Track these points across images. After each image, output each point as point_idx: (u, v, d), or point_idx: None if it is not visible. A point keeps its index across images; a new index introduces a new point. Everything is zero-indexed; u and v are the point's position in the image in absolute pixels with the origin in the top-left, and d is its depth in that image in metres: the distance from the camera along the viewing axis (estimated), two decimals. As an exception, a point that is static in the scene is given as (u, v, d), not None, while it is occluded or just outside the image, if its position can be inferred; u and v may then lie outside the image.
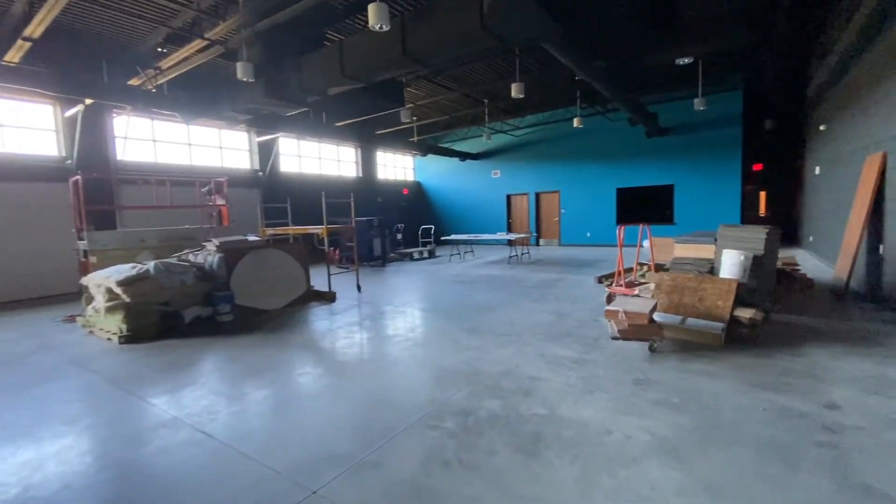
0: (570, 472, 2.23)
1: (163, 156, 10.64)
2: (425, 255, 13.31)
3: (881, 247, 5.58)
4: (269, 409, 3.13)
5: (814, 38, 9.61)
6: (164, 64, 8.07)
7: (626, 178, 14.41)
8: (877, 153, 5.66)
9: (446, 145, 17.76)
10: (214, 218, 8.54)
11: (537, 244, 16.42)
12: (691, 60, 6.95)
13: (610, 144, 14.53)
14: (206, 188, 8.49)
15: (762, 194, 15.42)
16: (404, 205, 18.64)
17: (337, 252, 11.84)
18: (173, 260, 6.22)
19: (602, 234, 15.03)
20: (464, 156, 17.27)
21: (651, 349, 3.98)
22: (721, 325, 4.27)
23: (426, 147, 15.31)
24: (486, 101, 13.22)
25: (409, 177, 19.54)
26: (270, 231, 7.96)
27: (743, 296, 4.52)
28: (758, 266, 4.71)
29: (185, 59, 7.74)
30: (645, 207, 15.13)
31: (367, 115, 10.96)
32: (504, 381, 3.41)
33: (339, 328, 5.34)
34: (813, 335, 4.28)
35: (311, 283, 7.30)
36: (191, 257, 6.64)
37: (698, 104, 10.49)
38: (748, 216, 14.16)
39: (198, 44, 7.07)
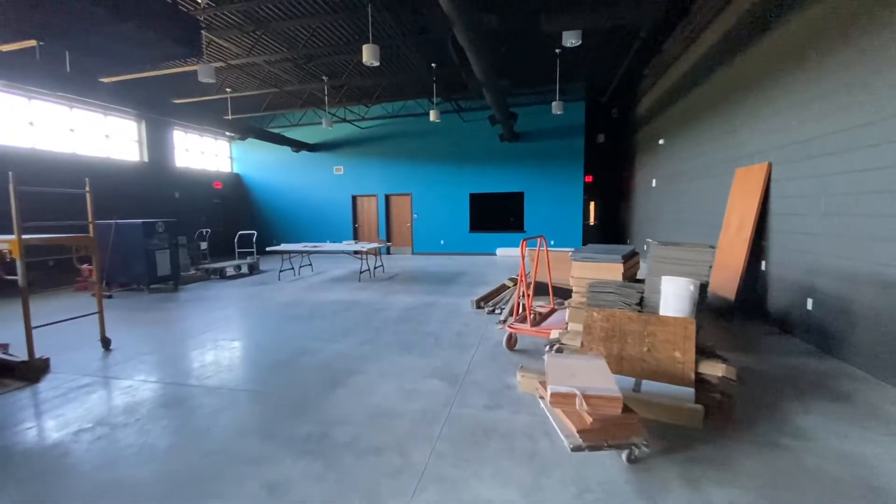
0: None
1: None
2: (244, 270, 10.05)
3: (763, 262, 5.31)
4: None
5: (653, 55, 10.04)
6: None
7: (479, 183, 13.64)
8: (757, 165, 5.38)
9: (275, 130, 14.44)
10: None
11: (388, 252, 14.54)
12: (578, 43, 6.01)
13: (464, 146, 13.56)
14: None
15: (592, 204, 16.59)
16: (217, 203, 14.53)
17: (94, 273, 7.77)
18: None
19: (456, 242, 13.99)
20: (298, 145, 14.22)
21: (630, 459, 2.38)
22: (691, 391, 2.99)
23: (246, 129, 11.85)
24: (325, 77, 10.70)
25: (225, 167, 15.41)
26: None
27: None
28: (703, 297, 3.65)
29: None
30: (497, 214, 14.68)
31: (142, 67, 7.34)
32: None
33: (28, 464, 2.39)
34: (772, 388, 3.34)
35: (-8, 346, 3.87)
36: None
37: (556, 108, 10.10)
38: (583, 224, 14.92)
39: None
